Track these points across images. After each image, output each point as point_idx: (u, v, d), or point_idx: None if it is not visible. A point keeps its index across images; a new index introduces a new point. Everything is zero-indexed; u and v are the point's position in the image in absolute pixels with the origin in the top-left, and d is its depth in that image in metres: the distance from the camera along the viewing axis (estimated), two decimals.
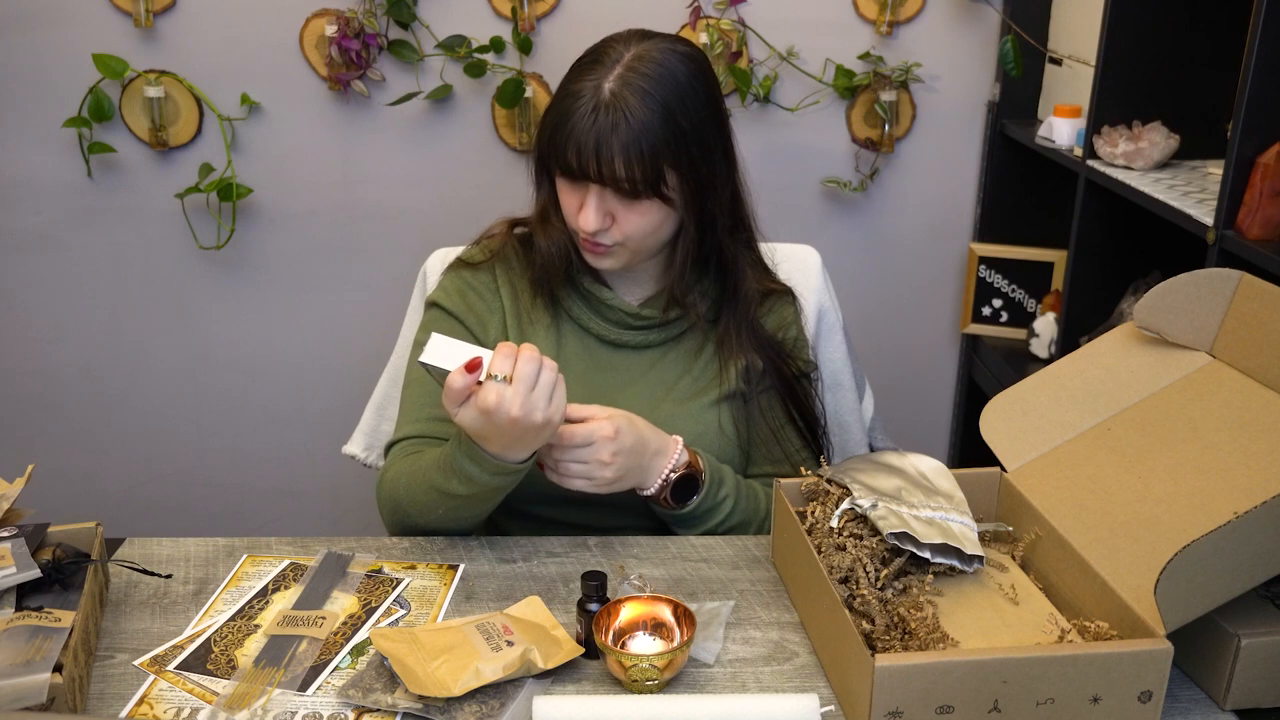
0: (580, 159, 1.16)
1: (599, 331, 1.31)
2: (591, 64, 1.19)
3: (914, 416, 2.43)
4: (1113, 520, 1.00)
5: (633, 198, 1.18)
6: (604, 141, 1.15)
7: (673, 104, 1.17)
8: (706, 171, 1.21)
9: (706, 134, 1.21)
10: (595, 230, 1.19)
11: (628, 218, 1.20)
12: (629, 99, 1.15)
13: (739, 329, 1.30)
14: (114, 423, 2.38)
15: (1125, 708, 0.86)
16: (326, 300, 2.31)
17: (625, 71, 1.17)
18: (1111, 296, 1.88)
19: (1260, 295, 1.06)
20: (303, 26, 2.10)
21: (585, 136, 1.15)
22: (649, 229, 1.21)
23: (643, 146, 1.15)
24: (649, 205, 1.19)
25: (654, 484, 1.19)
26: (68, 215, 2.22)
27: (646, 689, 0.93)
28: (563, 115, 1.17)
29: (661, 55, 1.18)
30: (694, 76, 1.20)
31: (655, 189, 1.18)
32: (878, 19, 2.12)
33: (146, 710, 0.92)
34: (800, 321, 1.38)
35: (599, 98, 1.16)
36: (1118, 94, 1.77)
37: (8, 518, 1.06)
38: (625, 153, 1.15)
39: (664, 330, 1.31)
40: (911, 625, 0.93)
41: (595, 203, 1.19)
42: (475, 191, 2.21)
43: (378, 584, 1.11)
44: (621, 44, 1.20)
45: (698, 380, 1.30)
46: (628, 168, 1.15)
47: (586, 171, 1.17)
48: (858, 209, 2.27)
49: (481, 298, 1.33)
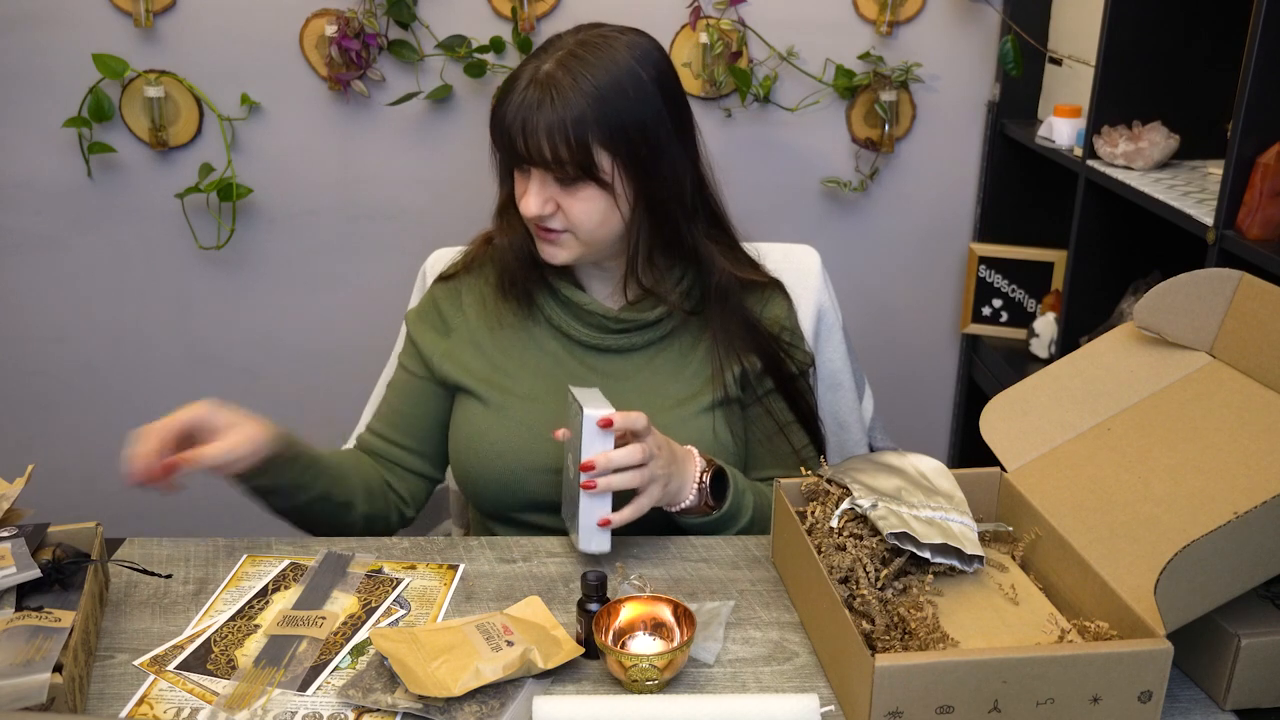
0: (509, 139, 1.16)
1: (579, 336, 1.28)
2: (540, 51, 1.19)
3: (914, 416, 2.43)
4: (1113, 520, 1.00)
5: (568, 182, 1.17)
6: (529, 120, 1.14)
7: (606, 85, 1.15)
8: (649, 156, 1.18)
9: (648, 117, 1.17)
10: (536, 215, 1.18)
11: (570, 204, 1.18)
12: (560, 79, 1.14)
13: (727, 323, 1.27)
14: (114, 423, 2.37)
15: (1125, 708, 0.86)
16: (326, 300, 2.31)
17: (565, 55, 1.16)
18: (1111, 296, 1.88)
19: (1260, 295, 1.06)
20: (303, 26, 2.10)
21: (514, 116, 1.14)
22: (595, 217, 1.19)
23: (568, 126, 1.13)
24: (589, 191, 1.17)
25: (690, 491, 1.17)
26: (68, 215, 2.22)
27: (646, 689, 0.93)
28: (499, 96, 1.18)
29: (605, 41, 1.18)
30: (636, 59, 1.18)
31: (588, 172, 1.16)
32: (878, 19, 2.12)
33: (146, 710, 0.92)
34: (793, 313, 1.35)
35: (534, 78, 1.15)
36: (1118, 94, 1.77)
37: (8, 518, 1.06)
38: (550, 132, 1.13)
39: (647, 332, 1.28)
40: (911, 625, 0.93)
41: (536, 187, 1.18)
42: (475, 191, 2.20)
43: (378, 584, 1.11)
44: (571, 33, 1.20)
45: (690, 384, 1.28)
46: (553, 148, 1.14)
47: (515, 150, 1.16)
48: (858, 209, 2.27)
49: (441, 315, 1.33)
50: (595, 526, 1.10)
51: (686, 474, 1.17)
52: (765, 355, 1.29)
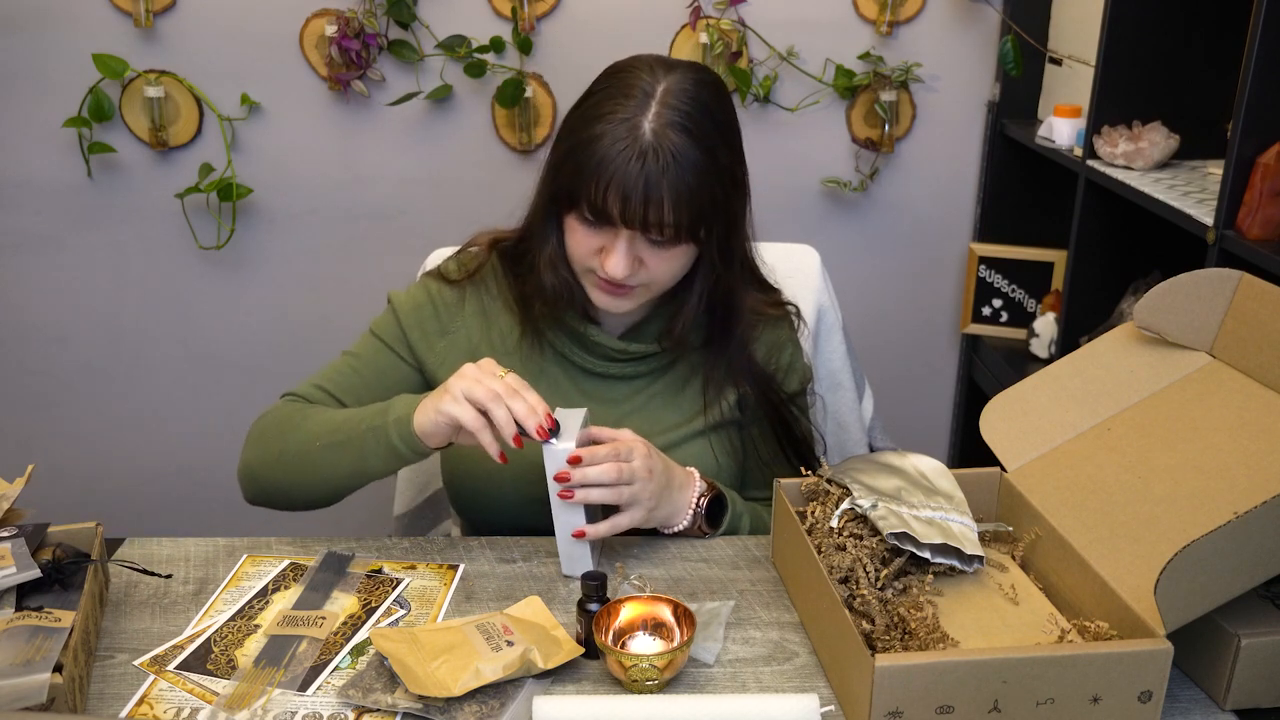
0: (625, 206, 1.08)
1: (582, 363, 1.26)
2: (621, 97, 1.10)
3: (914, 416, 2.43)
4: (1113, 520, 1.00)
5: (666, 244, 1.12)
6: (653, 187, 1.07)
7: (714, 142, 1.10)
8: (738, 207, 1.17)
9: (737, 167, 1.16)
10: (623, 277, 1.12)
11: (658, 263, 1.13)
12: (674, 140, 1.07)
13: (728, 355, 1.25)
14: (114, 423, 2.38)
15: (1125, 708, 0.86)
16: (326, 300, 2.31)
17: (662, 109, 1.08)
18: (1111, 296, 1.88)
19: (1260, 295, 1.06)
20: (303, 26, 2.10)
21: (633, 183, 1.06)
22: (677, 272, 1.16)
23: (694, 192, 1.08)
24: (679, 250, 1.13)
25: (684, 516, 1.17)
26: (68, 215, 2.22)
27: (646, 689, 0.93)
28: (599, 157, 1.08)
29: (695, 89, 1.11)
30: (724, 108, 1.14)
31: (695, 235, 1.12)
32: (878, 19, 2.12)
33: (146, 710, 0.92)
34: (796, 339, 1.32)
35: (639, 139, 1.07)
36: (1118, 94, 1.77)
37: (8, 518, 1.06)
38: (675, 200, 1.07)
39: (649, 361, 1.27)
40: (911, 625, 0.93)
41: (625, 248, 1.11)
42: (475, 191, 2.21)
43: (378, 584, 1.11)
44: (647, 74, 1.11)
45: (687, 409, 1.27)
46: (676, 214, 1.08)
47: (629, 219, 1.08)
48: (858, 209, 2.27)
49: (440, 314, 1.28)
50: (570, 540, 1.10)
51: (680, 500, 1.16)
52: (759, 385, 1.27)
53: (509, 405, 1.05)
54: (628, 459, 1.09)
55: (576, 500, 1.08)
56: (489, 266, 1.29)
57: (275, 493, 1.21)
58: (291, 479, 1.18)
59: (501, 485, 1.24)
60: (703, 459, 1.25)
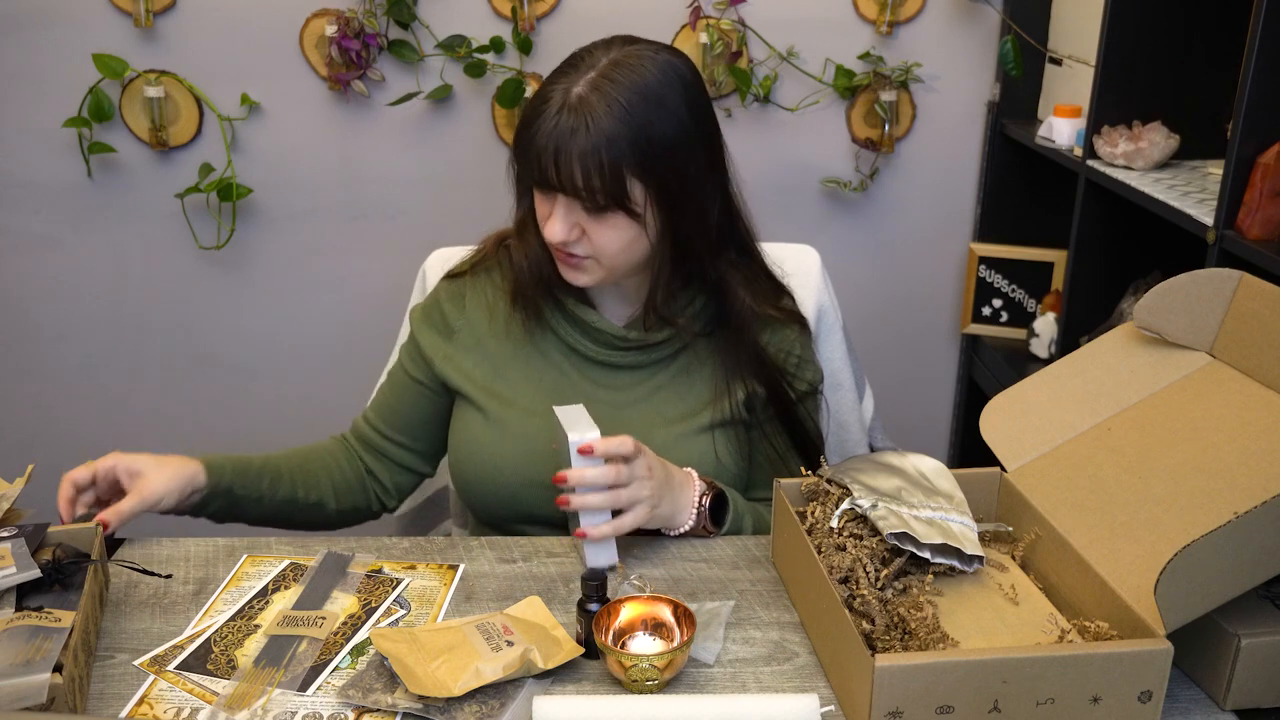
0: (540, 165, 1.12)
1: (586, 352, 1.26)
2: (568, 68, 1.14)
3: (914, 416, 2.43)
4: (1113, 520, 1.00)
5: (597, 210, 1.13)
6: (562, 148, 1.09)
7: (641, 113, 1.10)
8: (678, 188, 1.15)
9: (681, 148, 1.14)
10: (562, 241, 1.15)
11: (597, 231, 1.14)
12: (594, 104, 1.09)
13: (737, 350, 1.25)
14: (114, 423, 2.38)
15: (1125, 708, 0.86)
16: (326, 300, 2.31)
17: (598, 77, 1.11)
18: (1111, 296, 1.88)
19: (1260, 295, 1.06)
20: (303, 26, 2.10)
21: (545, 141, 1.10)
22: (619, 245, 1.16)
23: (602, 155, 1.09)
24: (617, 219, 1.14)
25: (687, 517, 1.17)
26: (68, 215, 2.22)
27: (646, 689, 0.93)
28: (527, 119, 1.13)
29: (639, 61, 1.13)
30: (671, 85, 1.13)
31: (619, 202, 1.12)
32: (878, 19, 2.12)
33: (146, 710, 0.92)
34: (805, 342, 1.32)
35: (566, 101, 1.10)
36: (1118, 94, 1.77)
37: (8, 518, 1.07)
38: (584, 161, 1.09)
39: (654, 351, 1.26)
40: (911, 625, 0.93)
41: (562, 213, 1.14)
42: (475, 191, 2.21)
43: (378, 584, 1.11)
44: (602, 49, 1.15)
45: (692, 404, 1.27)
46: (586, 177, 1.10)
47: (547, 179, 1.12)
48: (858, 209, 2.27)
49: (444, 316, 1.31)
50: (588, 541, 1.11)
51: (682, 500, 1.17)
52: (770, 383, 1.27)
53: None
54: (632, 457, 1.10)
55: (574, 507, 1.09)
56: (494, 259, 1.32)
57: None
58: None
59: (502, 469, 1.25)
60: (704, 456, 1.25)
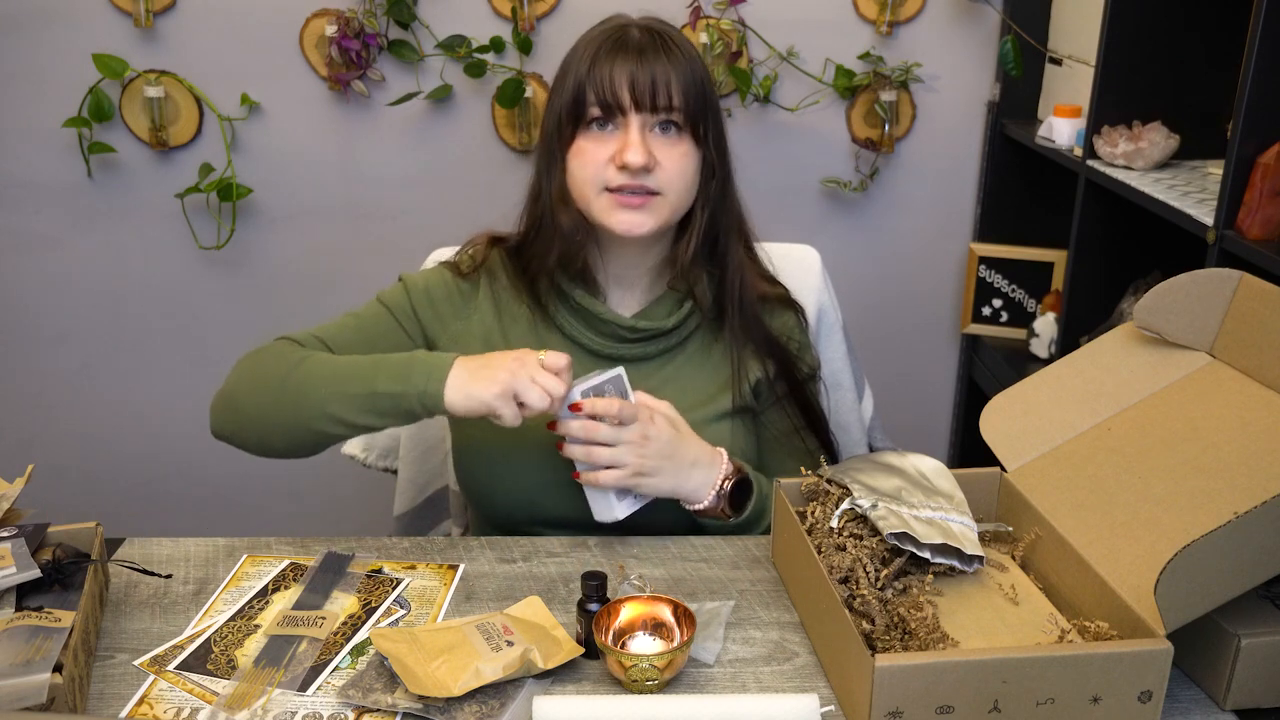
0: (634, 85, 1.15)
1: (592, 345, 1.26)
2: (603, 29, 1.20)
3: (914, 416, 2.43)
4: (1113, 520, 1.00)
5: (672, 132, 1.18)
6: (645, 63, 1.15)
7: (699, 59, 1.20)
8: (722, 144, 1.23)
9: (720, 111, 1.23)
10: (642, 164, 1.15)
11: (669, 156, 1.17)
12: (669, 33, 1.18)
13: (744, 330, 1.27)
14: (114, 423, 2.38)
15: (1125, 708, 0.86)
16: (326, 300, 2.30)
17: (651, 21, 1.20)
18: (1111, 296, 1.88)
19: (1260, 295, 1.06)
20: (303, 26, 2.10)
21: (634, 62, 1.15)
22: (688, 176, 1.19)
23: (688, 70, 1.16)
24: (686, 147, 1.19)
25: (707, 496, 1.18)
26: (68, 215, 2.22)
27: (646, 689, 0.93)
28: (597, 56, 1.17)
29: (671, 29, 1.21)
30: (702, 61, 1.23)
31: (696, 129, 1.18)
32: (878, 19, 2.12)
33: (146, 710, 0.92)
34: (801, 326, 1.35)
35: (630, 36, 1.17)
36: (1118, 94, 1.77)
37: (8, 518, 1.06)
38: (667, 75, 1.15)
39: (661, 340, 1.27)
40: (911, 625, 0.93)
41: (639, 135, 1.16)
42: (475, 191, 2.21)
43: (378, 584, 1.11)
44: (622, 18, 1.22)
45: (702, 391, 1.27)
46: (679, 93, 1.16)
47: (640, 99, 1.15)
48: (858, 209, 2.27)
49: (453, 304, 1.29)
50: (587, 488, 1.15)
51: (698, 478, 1.17)
52: (779, 361, 1.29)
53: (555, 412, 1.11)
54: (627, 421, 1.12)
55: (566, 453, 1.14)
56: (495, 259, 1.31)
57: (251, 428, 1.19)
58: (279, 418, 1.16)
59: (510, 463, 1.24)
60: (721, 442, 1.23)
